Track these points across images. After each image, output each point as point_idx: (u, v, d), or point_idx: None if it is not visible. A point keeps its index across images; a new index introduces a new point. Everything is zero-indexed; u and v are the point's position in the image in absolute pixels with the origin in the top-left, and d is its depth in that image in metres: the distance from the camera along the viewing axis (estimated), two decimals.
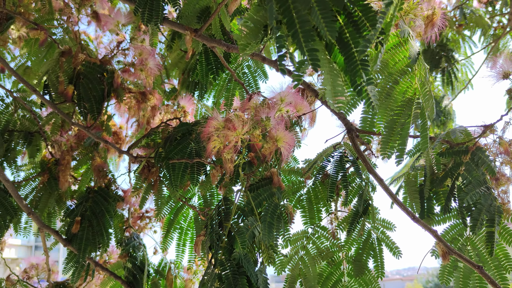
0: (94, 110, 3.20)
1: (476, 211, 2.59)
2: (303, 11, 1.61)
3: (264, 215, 2.51)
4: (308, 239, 3.09)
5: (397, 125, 2.38)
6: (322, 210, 3.14)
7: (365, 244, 3.03)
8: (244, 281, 2.31)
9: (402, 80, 2.41)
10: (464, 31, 5.67)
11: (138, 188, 3.22)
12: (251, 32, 1.84)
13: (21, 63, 3.78)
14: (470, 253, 2.75)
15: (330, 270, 3.08)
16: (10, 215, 3.29)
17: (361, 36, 1.68)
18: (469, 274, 2.73)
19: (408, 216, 2.60)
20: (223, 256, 2.43)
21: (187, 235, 3.44)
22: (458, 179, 2.70)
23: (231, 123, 2.45)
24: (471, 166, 2.66)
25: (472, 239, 2.77)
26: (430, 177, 2.84)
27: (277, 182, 2.71)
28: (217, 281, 2.36)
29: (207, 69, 3.29)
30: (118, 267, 3.60)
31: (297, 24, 1.61)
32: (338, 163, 3.07)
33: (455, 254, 2.47)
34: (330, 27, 1.55)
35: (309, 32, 1.60)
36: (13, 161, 3.42)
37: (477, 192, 2.60)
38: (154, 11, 2.66)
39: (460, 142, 2.74)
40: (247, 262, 2.36)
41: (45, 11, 3.34)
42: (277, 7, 1.65)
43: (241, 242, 2.39)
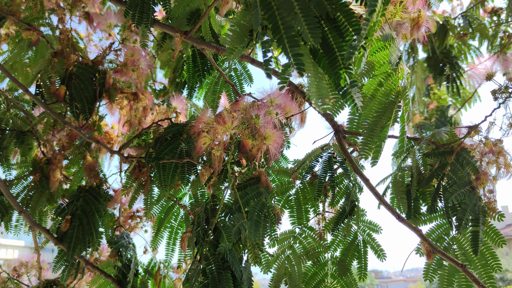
0: (86, 111, 3.23)
1: (461, 211, 2.63)
2: (287, 17, 1.64)
3: (251, 213, 2.53)
4: (295, 239, 3.12)
5: (377, 127, 2.42)
6: (310, 211, 3.18)
7: (350, 246, 3.06)
8: (228, 276, 2.32)
9: (386, 83, 2.45)
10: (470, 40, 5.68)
11: (128, 188, 3.24)
12: (237, 37, 1.88)
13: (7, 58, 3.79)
14: (456, 252, 2.78)
15: (315, 270, 3.12)
16: (2, 213, 3.32)
17: (344, 41, 1.72)
18: (453, 273, 2.77)
19: (393, 215, 2.64)
20: (208, 251, 2.44)
21: (177, 234, 3.46)
22: (443, 180, 2.74)
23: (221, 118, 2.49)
24: (456, 167, 2.69)
25: (458, 239, 2.80)
26: (417, 178, 2.87)
27: (264, 182, 2.74)
28: (201, 276, 2.36)
29: (193, 70, 3.33)
30: (108, 265, 3.63)
31: (282, 30, 1.65)
32: (327, 163, 3.11)
33: (439, 253, 2.51)
34: (314, 33, 1.59)
35: (293, 37, 1.63)
36: (5, 160, 3.45)
37: (462, 192, 2.63)
38: (144, 13, 2.69)
39: (446, 143, 2.77)
40: (232, 257, 2.38)
41: (36, 10, 3.37)
42: (262, 12, 1.69)
43: (227, 236, 2.40)
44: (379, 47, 2.53)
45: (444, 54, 5.59)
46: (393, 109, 2.40)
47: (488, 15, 5.59)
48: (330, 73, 1.79)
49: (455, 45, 5.74)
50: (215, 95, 3.44)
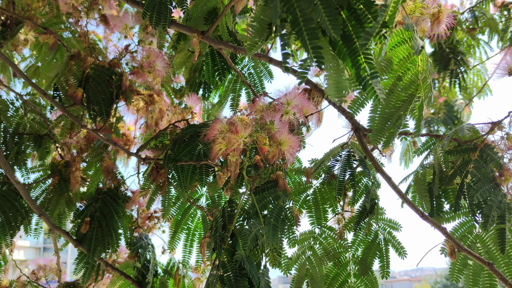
0: (103, 113, 3.23)
1: (487, 207, 2.58)
2: (306, 9, 1.62)
3: (268, 218, 2.51)
4: (315, 240, 3.10)
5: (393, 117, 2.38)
6: (329, 211, 3.15)
7: (371, 245, 3.03)
8: (246, 283, 2.31)
9: (405, 77, 2.42)
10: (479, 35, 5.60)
11: (146, 189, 3.24)
12: (257, 31, 1.86)
13: (31, 64, 3.82)
14: (480, 251, 2.74)
15: (337, 271, 3.09)
16: (22, 216, 3.33)
17: (364, 30, 1.69)
18: (479, 272, 2.73)
19: (417, 214, 2.60)
20: (226, 258, 2.43)
21: (194, 235, 3.45)
22: (467, 177, 2.69)
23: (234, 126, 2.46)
24: (480, 163, 2.65)
25: (481, 237, 2.76)
26: (439, 175, 2.83)
27: (282, 185, 2.71)
28: (219, 283, 2.36)
29: (213, 70, 3.31)
30: (126, 266, 3.63)
31: (301, 22, 1.62)
32: (346, 162, 3.08)
33: (465, 251, 2.46)
34: (334, 24, 1.56)
35: (313, 30, 1.61)
36: (23, 164, 3.46)
37: (487, 189, 2.59)
38: (162, 15, 2.68)
39: (468, 139, 2.73)
40: (249, 264, 2.35)
41: (52, 14, 3.38)
42: (281, 5, 1.66)
43: (242, 244, 2.38)
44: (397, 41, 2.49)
45: (450, 49, 5.53)
46: (411, 101, 2.36)
47: (498, 9, 5.50)
48: (350, 63, 1.76)
49: (465, 40, 5.67)
50: (235, 93, 3.42)
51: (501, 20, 5.53)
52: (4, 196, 3.30)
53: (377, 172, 2.80)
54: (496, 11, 5.54)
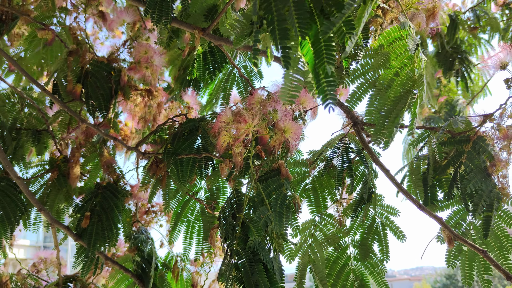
0: (102, 108, 3.26)
1: (477, 197, 2.70)
2: (282, 9, 1.68)
3: (274, 205, 2.58)
4: (315, 227, 3.18)
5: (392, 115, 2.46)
6: (327, 198, 3.24)
7: (370, 229, 3.13)
8: (261, 267, 2.38)
9: (402, 72, 2.50)
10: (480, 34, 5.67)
11: (146, 183, 3.28)
12: (242, 27, 1.92)
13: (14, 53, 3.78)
14: (473, 237, 2.86)
15: (337, 254, 3.18)
16: (21, 211, 3.34)
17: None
18: (473, 257, 2.85)
19: (414, 204, 2.70)
20: (238, 245, 2.49)
21: (194, 228, 3.49)
22: (460, 167, 2.80)
23: (241, 116, 2.53)
24: (473, 155, 2.76)
25: (474, 224, 2.88)
26: (433, 166, 2.94)
27: (285, 173, 2.78)
28: (234, 270, 2.42)
29: (204, 68, 3.36)
30: (126, 260, 3.66)
31: (275, 21, 1.68)
32: (344, 153, 3.17)
33: (460, 240, 2.58)
34: (303, 28, 1.62)
35: (285, 30, 1.67)
36: (21, 159, 3.47)
37: (479, 179, 2.70)
38: (163, 12, 2.72)
39: (461, 131, 2.84)
40: (262, 250, 2.42)
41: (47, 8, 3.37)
42: (259, 3, 1.73)
43: (255, 230, 2.45)
44: (395, 37, 2.57)
45: (453, 48, 5.60)
46: (408, 97, 2.44)
47: (500, 8, 5.60)
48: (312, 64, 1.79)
49: (466, 39, 5.75)
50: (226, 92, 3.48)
51: (503, 19, 5.63)
52: (3, 191, 3.31)
53: (375, 164, 2.89)
54: (497, 10, 5.64)
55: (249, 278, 2.33)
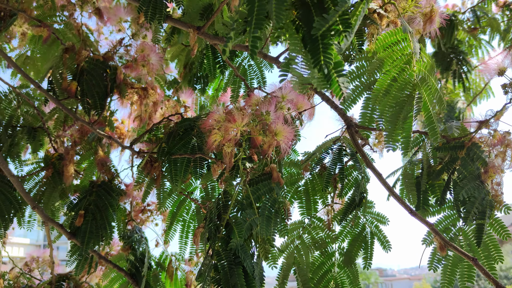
0: (97, 106, 3.25)
1: (470, 204, 2.68)
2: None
3: (262, 209, 2.56)
4: (304, 229, 3.18)
5: (399, 119, 2.44)
6: (319, 202, 3.23)
7: (358, 237, 3.13)
8: (240, 271, 2.34)
9: (400, 77, 2.48)
10: (480, 35, 5.61)
11: (140, 182, 3.28)
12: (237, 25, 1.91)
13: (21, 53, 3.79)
14: (462, 243, 2.85)
15: (323, 260, 3.19)
16: (15, 209, 3.35)
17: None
18: (457, 263, 2.83)
19: (406, 210, 2.68)
20: (220, 247, 2.47)
21: (189, 227, 3.51)
22: (454, 174, 2.78)
23: (231, 115, 2.51)
24: (467, 161, 2.74)
25: (464, 230, 2.86)
26: (427, 171, 2.92)
27: (276, 178, 2.76)
28: (213, 271, 2.39)
29: (214, 63, 3.35)
30: (119, 259, 3.67)
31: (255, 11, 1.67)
32: (337, 156, 3.15)
33: (451, 247, 2.56)
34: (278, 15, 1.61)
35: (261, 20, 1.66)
36: (16, 156, 3.47)
37: (472, 187, 2.68)
38: (157, 9, 2.71)
39: (456, 137, 2.81)
40: (243, 253, 2.39)
41: (47, 7, 3.37)
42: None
43: (238, 232, 2.42)
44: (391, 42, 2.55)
45: (451, 49, 5.55)
46: (412, 102, 2.42)
47: (500, 9, 5.53)
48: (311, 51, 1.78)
49: (466, 40, 5.69)
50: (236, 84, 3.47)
51: (503, 20, 5.57)
52: None
53: (367, 168, 2.88)
54: (498, 11, 5.57)
55: (227, 280, 2.30)
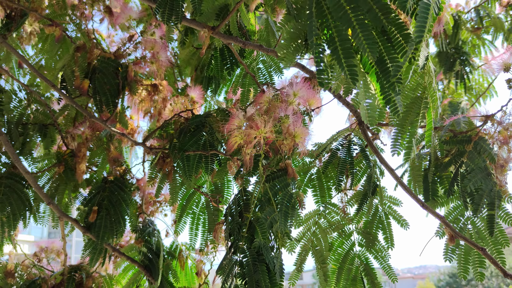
0: (110, 104, 3.28)
1: (478, 196, 2.82)
2: (344, 31, 1.74)
3: (280, 205, 2.67)
4: (320, 216, 3.29)
5: (407, 123, 2.54)
6: (332, 188, 3.33)
7: (373, 218, 3.24)
8: (264, 268, 2.50)
9: (412, 78, 2.56)
10: (484, 35, 5.65)
11: (153, 178, 3.34)
12: (287, 44, 1.97)
13: (35, 62, 3.81)
14: (471, 231, 2.99)
15: (341, 240, 3.30)
16: (27, 207, 3.39)
17: (396, 52, 1.82)
18: (469, 251, 2.97)
19: (417, 203, 2.81)
20: (244, 244, 2.59)
21: (199, 220, 3.58)
22: (461, 166, 2.90)
23: (253, 122, 2.58)
24: (474, 154, 2.87)
25: (472, 219, 3.00)
26: (434, 163, 3.04)
27: (291, 173, 2.85)
28: (238, 267, 2.54)
29: (222, 64, 3.39)
30: (130, 249, 3.75)
31: (337, 41, 1.74)
32: (347, 148, 3.25)
33: (461, 238, 2.69)
34: (372, 48, 1.69)
35: (349, 49, 1.73)
36: (29, 153, 3.50)
37: (479, 179, 2.81)
38: (174, 11, 2.73)
39: (463, 131, 2.93)
40: (266, 250, 2.55)
41: (58, 7, 3.37)
42: (317, 24, 1.78)
43: (261, 233, 2.57)
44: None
45: (455, 49, 5.60)
46: (420, 105, 2.52)
47: (504, 9, 5.59)
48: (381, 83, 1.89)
49: (469, 39, 5.74)
50: (244, 88, 3.52)
51: (507, 19, 5.62)
52: (10, 187, 3.36)
53: (380, 163, 2.98)
54: (502, 10, 5.63)
55: (251, 276, 2.46)
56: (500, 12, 5.62)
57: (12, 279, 3.67)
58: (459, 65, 5.53)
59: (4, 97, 3.38)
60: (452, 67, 5.55)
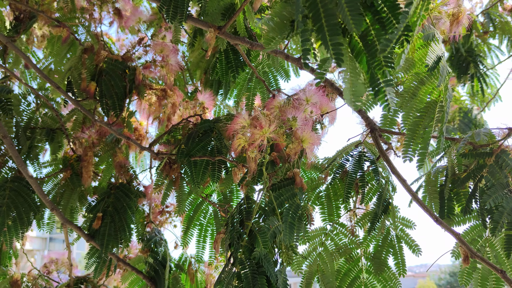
0: (116, 107, 3.23)
1: (498, 213, 2.60)
2: (329, 5, 1.60)
3: (285, 216, 2.51)
4: (326, 236, 3.11)
5: (420, 128, 2.37)
6: (341, 207, 3.16)
7: (384, 242, 3.05)
8: (264, 281, 2.31)
9: (428, 81, 2.40)
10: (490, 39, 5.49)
11: (159, 185, 3.24)
12: (277, 27, 1.85)
13: (44, 65, 3.80)
14: (489, 255, 2.77)
15: (348, 266, 3.11)
16: (34, 211, 3.34)
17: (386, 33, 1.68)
18: (487, 276, 2.76)
19: (431, 218, 2.62)
20: (243, 254, 2.43)
21: (207, 231, 3.46)
22: (481, 181, 2.70)
23: (257, 121, 2.46)
24: (495, 169, 2.66)
25: (491, 241, 2.79)
26: (451, 178, 2.85)
27: (299, 183, 2.71)
28: (236, 280, 2.35)
29: (227, 67, 3.30)
30: (138, 262, 3.64)
31: (323, 18, 1.61)
32: (357, 161, 3.08)
33: (478, 258, 2.49)
34: (356, 21, 1.55)
35: (334, 26, 1.60)
36: (35, 158, 3.46)
37: (500, 195, 2.60)
38: (178, 9, 2.65)
39: (484, 144, 2.73)
40: (267, 262, 2.35)
41: (67, 9, 3.35)
42: (303, 1, 1.65)
43: (262, 242, 2.38)
44: (421, 44, 2.47)
45: (468, 52, 5.43)
46: (435, 109, 2.35)
47: (508, 13, 5.40)
48: (366, 67, 1.74)
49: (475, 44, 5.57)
50: (250, 92, 3.42)
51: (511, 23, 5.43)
52: (16, 191, 3.31)
53: (392, 174, 2.81)
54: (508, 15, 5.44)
55: None
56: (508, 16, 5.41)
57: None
58: (473, 68, 5.32)
59: (13, 99, 3.35)
60: (466, 71, 5.33)
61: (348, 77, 1.79)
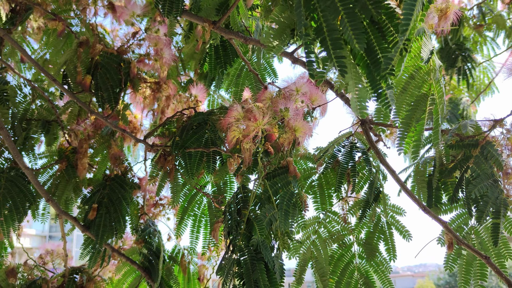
0: (111, 100, 3.27)
1: (483, 203, 2.69)
2: (332, 20, 1.67)
3: (280, 203, 2.59)
4: (319, 224, 3.19)
5: (412, 120, 2.44)
6: (333, 196, 3.24)
7: (375, 228, 3.14)
8: (262, 266, 2.41)
9: (418, 75, 2.47)
10: (486, 32, 5.57)
11: (154, 176, 3.29)
12: (277, 34, 1.91)
13: (39, 56, 3.82)
14: (474, 241, 2.87)
15: (341, 252, 3.20)
16: (29, 202, 3.38)
17: (387, 42, 1.75)
18: (471, 262, 2.85)
19: (419, 206, 2.70)
20: (242, 242, 2.51)
21: (201, 222, 3.52)
22: (467, 172, 2.79)
23: (251, 113, 2.52)
24: (480, 160, 2.75)
25: (476, 228, 2.87)
26: (439, 168, 2.93)
27: (293, 171, 2.78)
28: (236, 266, 2.45)
29: (215, 62, 3.36)
30: (132, 253, 3.69)
31: (325, 32, 1.68)
32: (348, 152, 3.16)
33: (464, 245, 2.58)
34: (359, 39, 1.62)
35: (337, 40, 1.66)
36: (30, 150, 3.49)
37: (485, 185, 2.68)
38: (174, 4, 2.71)
39: (470, 135, 2.81)
40: (264, 248, 2.45)
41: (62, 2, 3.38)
42: (306, 13, 1.71)
43: (259, 229, 2.47)
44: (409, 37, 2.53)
45: (457, 45, 5.51)
46: (426, 102, 2.42)
47: (506, 6, 5.48)
48: (371, 75, 1.82)
49: (471, 36, 5.65)
50: (238, 87, 3.48)
51: (509, 17, 5.52)
52: (12, 181, 3.35)
53: (381, 164, 2.88)
54: (504, 8, 5.52)
55: (249, 275, 2.37)
56: (503, 10, 5.49)
57: (13, 279, 3.65)
58: (461, 61, 5.41)
59: (9, 90, 3.38)
60: (454, 64, 5.43)
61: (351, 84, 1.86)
